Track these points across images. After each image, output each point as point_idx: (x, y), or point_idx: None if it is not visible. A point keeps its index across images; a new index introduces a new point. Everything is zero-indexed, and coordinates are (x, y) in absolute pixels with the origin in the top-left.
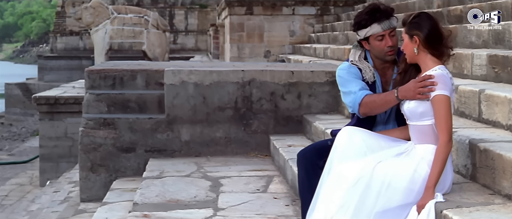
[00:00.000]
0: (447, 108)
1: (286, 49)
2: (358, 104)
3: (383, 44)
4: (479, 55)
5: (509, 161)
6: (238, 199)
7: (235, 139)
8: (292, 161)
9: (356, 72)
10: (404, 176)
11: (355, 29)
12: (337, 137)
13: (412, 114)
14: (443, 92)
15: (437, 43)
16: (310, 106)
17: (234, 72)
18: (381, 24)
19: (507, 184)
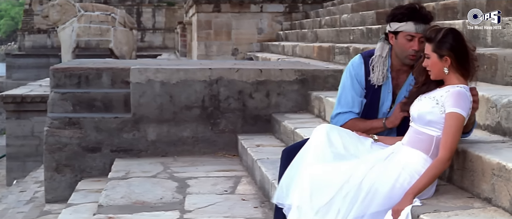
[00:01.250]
0: (459, 127)
1: (254, 47)
2: (341, 124)
3: (409, 46)
4: None
5: (488, 163)
6: (206, 200)
7: (202, 138)
8: (260, 161)
9: (361, 75)
10: (386, 184)
11: (389, 20)
12: (314, 134)
13: (419, 118)
14: (460, 111)
15: (466, 62)
16: (279, 105)
17: (202, 70)
18: (416, 25)
19: (487, 187)
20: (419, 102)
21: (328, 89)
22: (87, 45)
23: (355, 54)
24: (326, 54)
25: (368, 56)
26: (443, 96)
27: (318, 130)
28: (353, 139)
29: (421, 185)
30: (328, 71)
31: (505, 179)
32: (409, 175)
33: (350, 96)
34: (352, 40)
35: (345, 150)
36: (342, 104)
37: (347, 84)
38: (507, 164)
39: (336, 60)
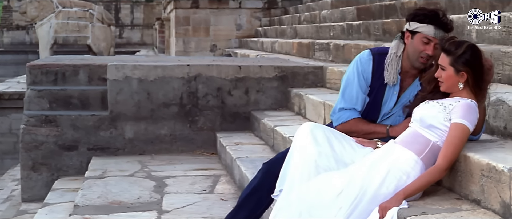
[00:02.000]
0: (463, 140)
1: (233, 43)
2: (340, 124)
3: (424, 48)
4: None
5: (477, 164)
6: (184, 200)
7: (180, 136)
8: (239, 160)
9: (368, 72)
10: (374, 184)
11: (409, 18)
12: (298, 134)
13: (421, 120)
14: (467, 124)
15: (481, 81)
16: (258, 102)
17: (180, 67)
18: (436, 30)
19: (476, 188)
20: (424, 104)
21: (308, 86)
22: (65, 41)
23: (336, 51)
24: (306, 50)
25: (378, 53)
26: (452, 105)
27: (302, 129)
28: (339, 137)
29: (414, 188)
30: (308, 67)
31: (495, 180)
32: (396, 175)
33: (355, 91)
34: (332, 36)
35: (331, 148)
36: (346, 99)
37: (353, 79)
38: (497, 165)
39: (316, 57)
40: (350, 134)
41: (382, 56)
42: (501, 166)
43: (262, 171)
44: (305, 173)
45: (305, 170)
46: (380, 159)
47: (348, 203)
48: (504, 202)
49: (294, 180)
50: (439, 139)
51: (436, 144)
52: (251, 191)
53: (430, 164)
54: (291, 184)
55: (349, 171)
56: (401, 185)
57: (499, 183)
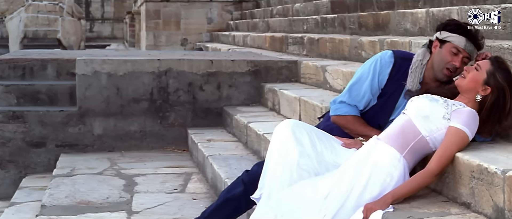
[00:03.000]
0: (461, 147)
1: (204, 37)
2: (337, 115)
3: (451, 59)
4: (418, 43)
5: (467, 165)
6: (154, 200)
7: (150, 132)
8: (212, 157)
9: (385, 75)
10: (356, 192)
11: (440, 28)
12: (277, 131)
13: (419, 109)
14: (468, 132)
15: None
16: (231, 97)
17: (150, 61)
18: (467, 43)
19: (465, 190)
20: (426, 96)
21: (282, 81)
22: (35, 35)
23: (310, 45)
24: (279, 44)
25: (401, 57)
26: (456, 106)
27: (282, 127)
28: (321, 137)
29: (403, 192)
30: (282, 62)
31: (487, 183)
32: (379, 178)
33: (364, 90)
34: (306, 30)
35: (313, 148)
36: (351, 95)
37: (367, 77)
38: (489, 167)
39: (290, 51)
40: (343, 128)
41: (405, 61)
42: (494, 168)
43: (242, 180)
44: (286, 175)
45: (286, 172)
46: (364, 161)
47: (334, 207)
48: (497, 206)
49: (273, 184)
50: (429, 135)
51: (424, 139)
52: (231, 197)
53: (413, 162)
54: (270, 188)
55: (336, 174)
56: (386, 188)
57: (492, 186)
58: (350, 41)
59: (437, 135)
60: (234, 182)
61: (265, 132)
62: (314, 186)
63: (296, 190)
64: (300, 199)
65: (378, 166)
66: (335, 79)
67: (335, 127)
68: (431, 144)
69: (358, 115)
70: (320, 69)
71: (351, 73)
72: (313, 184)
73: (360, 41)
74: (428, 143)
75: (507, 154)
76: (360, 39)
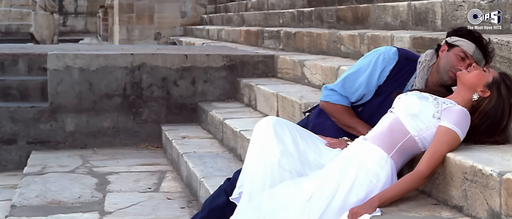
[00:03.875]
0: (452, 148)
1: (178, 31)
2: (327, 101)
3: (457, 63)
4: (401, 37)
5: (459, 166)
6: (127, 200)
7: (123, 129)
8: (186, 155)
9: (387, 71)
10: (341, 194)
11: (451, 33)
12: (258, 128)
13: (407, 107)
14: (459, 133)
15: (489, 127)
16: (206, 93)
17: (123, 56)
18: (476, 50)
19: (457, 193)
20: (415, 93)
21: (258, 76)
22: (8, 29)
23: (287, 39)
24: (254, 38)
25: (405, 56)
26: (446, 104)
27: (263, 124)
28: (305, 136)
29: (390, 195)
30: (258, 56)
31: (481, 185)
32: (365, 180)
33: (359, 83)
34: (282, 24)
35: (296, 147)
36: (345, 85)
37: (365, 71)
38: (484, 168)
39: (265, 45)
40: (330, 116)
41: (409, 61)
42: (489, 169)
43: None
44: (267, 176)
45: (267, 173)
46: (350, 162)
47: (318, 210)
48: (492, 210)
49: (254, 185)
50: (418, 135)
51: (412, 139)
52: (215, 208)
53: (401, 163)
54: (251, 190)
55: (320, 175)
56: (372, 190)
57: (487, 189)
58: (329, 35)
59: (426, 134)
60: (217, 191)
61: (241, 129)
62: (297, 188)
63: (278, 192)
64: (282, 201)
65: (364, 167)
66: (314, 74)
67: (328, 126)
68: (420, 144)
69: (348, 106)
70: (298, 64)
71: (330, 68)
72: (296, 186)
73: (339, 35)
74: (416, 143)
75: (501, 154)
76: (339, 33)
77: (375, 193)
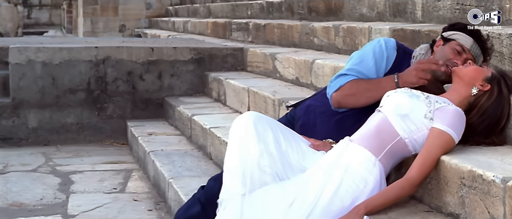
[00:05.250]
0: (446, 151)
1: (142, 23)
2: (337, 89)
3: (453, 57)
4: (379, 29)
5: (455, 170)
6: (92, 202)
7: (88, 125)
8: (153, 154)
9: (391, 62)
10: (324, 199)
11: (447, 28)
12: (236, 125)
13: (397, 107)
14: (454, 135)
15: (489, 126)
16: (173, 87)
17: (87, 49)
18: (474, 44)
19: (453, 200)
20: (404, 90)
21: (227, 70)
22: None
23: (256, 31)
24: (222, 30)
25: (403, 49)
26: (440, 103)
27: (242, 121)
28: (288, 135)
29: (378, 203)
30: (227, 49)
31: (481, 192)
32: (351, 185)
33: (370, 67)
34: (250, 16)
35: (278, 147)
36: (355, 69)
37: (372, 57)
38: (485, 173)
39: (234, 37)
40: (349, 99)
41: (406, 55)
42: (490, 175)
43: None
44: (247, 180)
45: (246, 176)
46: (334, 165)
47: (301, 217)
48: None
49: (231, 189)
50: (409, 137)
51: (403, 142)
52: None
53: (390, 166)
54: (228, 195)
55: (302, 179)
56: (359, 196)
57: (488, 196)
58: (301, 27)
59: (418, 137)
60: (191, 200)
61: (211, 126)
62: (278, 193)
63: (258, 197)
64: (262, 208)
65: (350, 170)
66: (286, 68)
67: (319, 123)
68: (410, 147)
69: (357, 78)
70: (269, 57)
71: (304, 62)
72: (277, 190)
73: (312, 27)
74: (407, 146)
75: (500, 157)
76: (312, 24)
77: (361, 199)
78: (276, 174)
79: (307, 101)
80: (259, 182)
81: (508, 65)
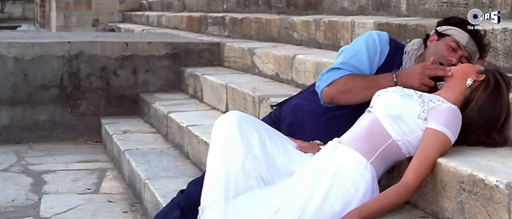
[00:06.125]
0: (441, 151)
1: (116, 17)
2: (331, 83)
3: (448, 54)
4: (363, 23)
5: (453, 174)
6: (65, 203)
7: (61, 122)
8: (128, 153)
9: (384, 56)
10: (313, 206)
11: (442, 22)
12: (219, 125)
13: (388, 107)
14: (450, 135)
15: (488, 122)
16: (148, 83)
17: (60, 44)
18: (470, 41)
19: (451, 205)
20: (395, 89)
21: (203, 65)
22: None
23: (233, 25)
24: (197, 24)
25: (395, 43)
26: (434, 102)
27: (225, 121)
28: (273, 137)
29: (372, 210)
30: (203, 44)
31: (483, 198)
32: (342, 190)
33: (364, 60)
34: (226, 9)
35: (263, 149)
36: (348, 63)
37: (365, 50)
38: (487, 178)
39: (209, 32)
40: (344, 95)
41: (398, 49)
42: (493, 179)
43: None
44: (230, 185)
45: (230, 181)
46: (323, 169)
47: None
48: None
49: (213, 194)
50: (402, 139)
51: (395, 144)
52: None
53: (382, 170)
54: (210, 201)
55: (289, 183)
56: (350, 201)
57: (490, 202)
58: (280, 21)
59: (411, 139)
60: (169, 205)
61: (188, 124)
62: (263, 198)
63: (242, 204)
64: (246, 215)
65: (340, 174)
66: (266, 63)
67: (307, 123)
68: (404, 150)
69: (353, 73)
70: (247, 52)
71: (284, 57)
72: (262, 196)
73: (291, 21)
74: (400, 148)
75: (501, 159)
76: (291, 18)
77: (353, 204)
78: (262, 178)
79: (293, 99)
80: (243, 187)
81: (502, 61)
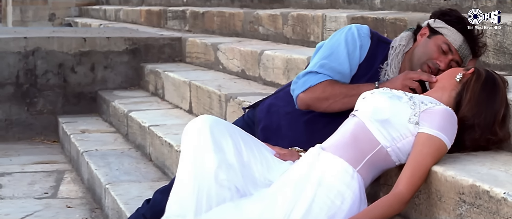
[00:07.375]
0: (436, 158)
1: (72, 12)
2: (308, 88)
3: (437, 57)
4: (335, 17)
5: (452, 184)
6: (21, 209)
7: (17, 121)
8: (87, 154)
9: (365, 51)
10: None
11: (436, 15)
12: (190, 130)
13: (376, 111)
14: (445, 139)
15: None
16: (106, 80)
17: (15, 39)
18: (463, 44)
19: (448, 217)
20: (383, 90)
21: (164, 61)
22: None
23: (194, 19)
24: (157, 19)
25: (377, 37)
26: (426, 105)
27: (197, 126)
28: (249, 143)
29: None
30: (164, 39)
31: (487, 211)
32: (326, 202)
33: (342, 59)
34: (186, 3)
35: (238, 157)
36: (326, 65)
37: (344, 47)
38: (492, 189)
39: (169, 26)
40: (321, 103)
41: (381, 43)
42: (500, 192)
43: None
44: (202, 197)
45: (202, 192)
46: (305, 177)
47: None
48: None
49: (185, 210)
50: (391, 146)
51: (384, 151)
52: None
53: (370, 179)
54: (176, 215)
55: (267, 195)
56: (335, 213)
57: (497, 217)
58: (244, 15)
59: (402, 145)
60: (134, 216)
61: (150, 124)
62: (238, 212)
63: (215, 218)
64: None
65: (324, 184)
66: (231, 59)
67: (284, 125)
68: (393, 157)
69: (334, 79)
70: (211, 48)
71: (251, 53)
72: (237, 209)
73: (256, 14)
74: (389, 155)
75: (503, 167)
76: (257, 12)
77: (339, 217)
78: (237, 189)
79: (268, 100)
80: (216, 200)
81: (492, 58)
